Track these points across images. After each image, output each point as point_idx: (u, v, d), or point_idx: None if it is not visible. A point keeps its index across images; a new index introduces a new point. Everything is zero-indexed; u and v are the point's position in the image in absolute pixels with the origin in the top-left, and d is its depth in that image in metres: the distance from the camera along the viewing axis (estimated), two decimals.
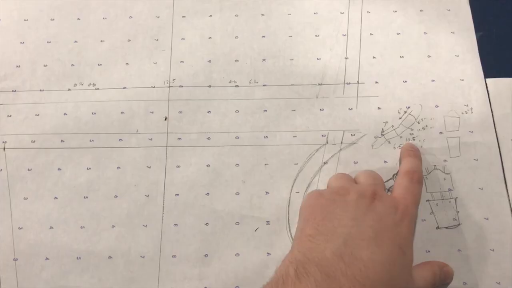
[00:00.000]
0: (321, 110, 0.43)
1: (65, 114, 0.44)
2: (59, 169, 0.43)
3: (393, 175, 0.40)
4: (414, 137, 0.41)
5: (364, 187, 0.36)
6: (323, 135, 0.42)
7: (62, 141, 0.44)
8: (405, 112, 0.42)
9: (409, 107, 0.42)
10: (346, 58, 0.44)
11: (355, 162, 0.41)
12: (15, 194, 0.43)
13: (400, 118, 0.42)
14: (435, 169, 0.40)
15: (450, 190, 0.40)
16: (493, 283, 0.37)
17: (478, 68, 0.42)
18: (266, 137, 0.42)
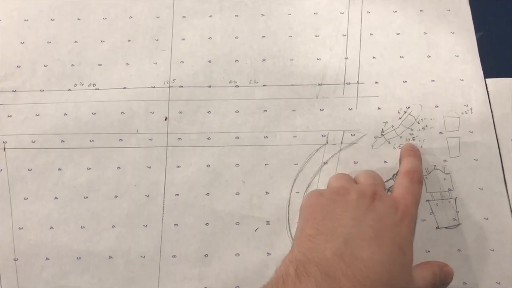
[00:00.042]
0: (321, 110, 0.43)
1: (65, 114, 0.44)
2: (60, 169, 0.43)
3: (393, 175, 0.40)
4: (414, 137, 0.41)
5: (364, 187, 0.36)
6: (323, 135, 0.42)
7: (62, 141, 0.44)
8: (405, 112, 0.42)
9: (409, 107, 0.42)
10: (346, 58, 0.44)
11: (355, 162, 0.41)
12: (16, 194, 0.43)
13: (400, 118, 0.42)
14: (435, 169, 0.40)
15: (450, 190, 0.40)
16: (493, 283, 0.38)
17: (478, 68, 0.42)
18: (266, 137, 0.42)
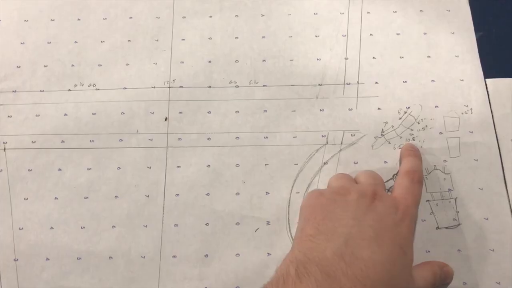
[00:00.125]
0: (321, 110, 0.43)
1: (65, 114, 0.44)
2: (60, 169, 0.43)
3: (393, 175, 0.40)
4: (414, 137, 0.41)
5: (364, 187, 0.36)
6: (323, 136, 0.42)
7: (63, 141, 0.44)
8: (405, 112, 0.42)
9: (409, 108, 0.42)
10: (346, 59, 0.44)
11: (355, 163, 0.41)
12: (16, 194, 0.43)
13: (400, 119, 0.42)
14: (435, 169, 0.40)
15: (450, 190, 0.40)
16: (493, 283, 0.38)
17: (478, 68, 0.42)
18: (266, 137, 0.42)
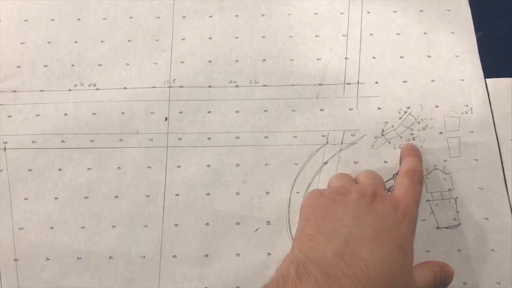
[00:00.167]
0: (321, 110, 0.43)
1: (65, 114, 0.44)
2: (60, 169, 0.43)
3: (393, 175, 0.40)
4: (414, 137, 0.41)
5: (364, 187, 0.36)
6: (323, 135, 0.42)
7: (63, 141, 0.44)
8: (405, 112, 0.42)
9: (409, 107, 0.42)
10: (346, 58, 0.44)
11: (355, 162, 0.41)
12: (16, 194, 0.43)
13: (400, 118, 0.42)
14: (435, 169, 0.40)
15: (450, 190, 0.40)
16: (493, 283, 0.38)
17: (478, 68, 0.42)
18: (266, 137, 0.42)
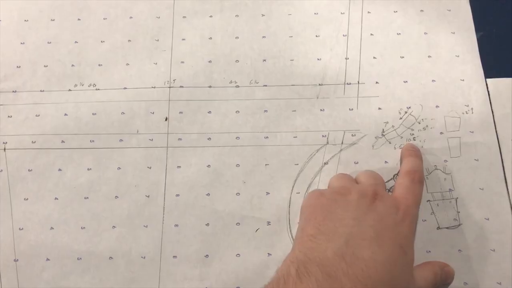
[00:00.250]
0: (321, 110, 0.43)
1: (65, 114, 0.44)
2: (60, 169, 0.43)
3: (393, 176, 0.40)
4: (414, 137, 0.41)
5: (365, 187, 0.36)
6: (324, 136, 0.42)
7: (63, 141, 0.44)
8: (405, 112, 0.42)
9: (409, 107, 0.42)
10: (346, 59, 0.44)
11: (356, 163, 0.41)
12: (16, 194, 0.43)
13: (400, 119, 0.42)
14: (436, 169, 0.40)
15: (450, 190, 0.40)
16: (493, 283, 0.38)
17: (478, 68, 0.42)
18: (266, 137, 0.42)
